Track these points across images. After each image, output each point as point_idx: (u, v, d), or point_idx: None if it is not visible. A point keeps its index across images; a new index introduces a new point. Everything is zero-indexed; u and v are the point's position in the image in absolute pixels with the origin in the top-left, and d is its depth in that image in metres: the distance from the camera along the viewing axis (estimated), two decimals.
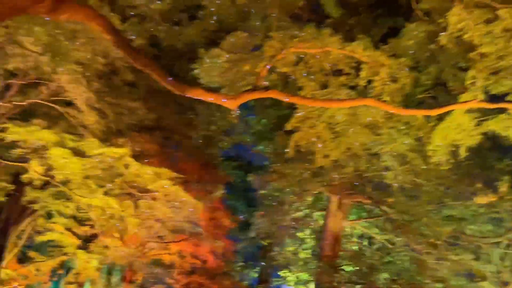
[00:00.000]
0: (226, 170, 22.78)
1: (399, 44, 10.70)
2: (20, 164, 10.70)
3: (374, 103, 8.94)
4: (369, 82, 9.71)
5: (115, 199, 11.23)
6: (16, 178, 17.60)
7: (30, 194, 18.43)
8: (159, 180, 11.00)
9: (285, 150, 11.78)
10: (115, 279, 22.90)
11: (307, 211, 20.59)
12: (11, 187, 17.79)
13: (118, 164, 10.93)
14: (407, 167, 14.22)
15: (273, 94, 7.41)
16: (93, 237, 19.08)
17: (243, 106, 10.91)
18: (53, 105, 13.69)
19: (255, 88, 7.44)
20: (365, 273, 17.29)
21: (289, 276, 23.88)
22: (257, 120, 17.92)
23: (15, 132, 10.21)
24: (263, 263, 25.01)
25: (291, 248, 22.45)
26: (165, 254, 20.05)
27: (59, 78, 12.58)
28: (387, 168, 14.86)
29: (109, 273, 22.24)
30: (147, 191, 11.39)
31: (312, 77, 9.80)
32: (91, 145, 10.69)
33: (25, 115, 13.55)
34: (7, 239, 17.51)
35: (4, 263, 18.15)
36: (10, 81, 13.36)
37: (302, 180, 16.33)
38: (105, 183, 11.15)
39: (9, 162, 11.16)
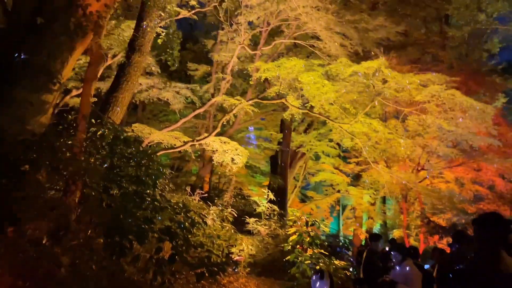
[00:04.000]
0: (502, 75, 18.46)
1: None
2: (280, 101, 10.73)
3: None
4: None
5: (378, 121, 10.01)
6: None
7: (296, 139, 19.69)
8: (427, 88, 9.07)
9: None
10: (390, 212, 22.41)
11: None
12: (280, 135, 19.33)
13: (375, 82, 9.61)
14: None
15: None
16: (362, 172, 18.85)
17: None
18: (297, 41, 13.55)
19: None
20: None
21: None
22: None
23: (267, 70, 10.20)
24: None
25: None
26: (440, 182, 18.09)
27: (299, 13, 12.16)
28: None
29: (384, 203, 21.85)
30: (414, 104, 9.66)
31: None
32: (341, 66, 9.68)
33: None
34: (286, 182, 19.06)
35: (289, 202, 20.02)
36: (254, 31, 13.91)
37: None
38: (364, 105, 10.06)
39: (270, 101, 11.36)
